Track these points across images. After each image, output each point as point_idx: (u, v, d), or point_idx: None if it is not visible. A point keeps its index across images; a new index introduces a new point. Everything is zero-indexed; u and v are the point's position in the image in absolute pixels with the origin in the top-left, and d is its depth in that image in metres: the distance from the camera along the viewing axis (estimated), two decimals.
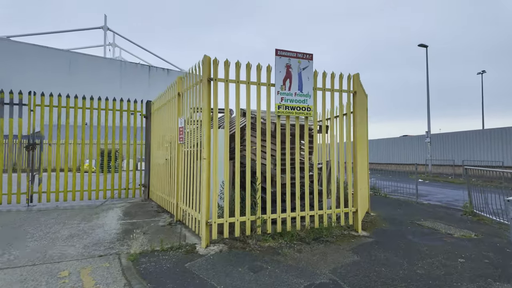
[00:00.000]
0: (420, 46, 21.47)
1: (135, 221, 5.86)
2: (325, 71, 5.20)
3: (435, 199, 10.13)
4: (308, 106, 4.97)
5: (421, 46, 21.49)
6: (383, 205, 8.24)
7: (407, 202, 8.98)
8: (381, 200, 9.24)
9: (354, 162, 5.44)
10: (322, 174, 5.17)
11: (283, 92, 4.80)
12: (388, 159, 27.21)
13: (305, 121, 5.04)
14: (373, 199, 8.92)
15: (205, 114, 4.38)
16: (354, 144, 5.45)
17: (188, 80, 5.28)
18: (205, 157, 4.35)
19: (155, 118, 7.93)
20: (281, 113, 4.77)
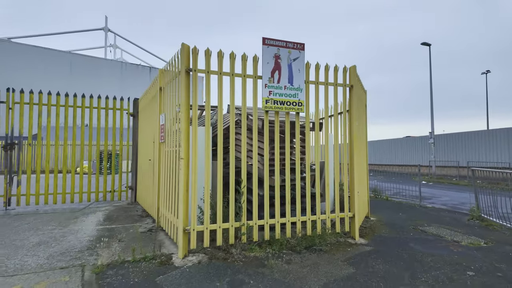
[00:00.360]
0: (423, 45, 20.96)
1: (114, 226, 5.42)
2: (318, 63, 4.75)
3: (440, 202, 9.62)
4: (299, 100, 4.51)
5: (424, 45, 20.98)
6: (384, 209, 7.75)
7: (409, 205, 8.48)
8: (382, 203, 8.75)
9: (351, 162, 4.98)
10: (315, 176, 4.71)
11: (271, 85, 4.35)
12: (390, 161, 26.66)
13: (296, 118, 4.59)
14: (373, 203, 8.43)
15: (183, 109, 3.94)
16: (351, 143, 4.98)
17: (169, 72, 4.84)
18: (183, 157, 3.90)
19: (142, 116, 7.51)
20: (269, 108, 4.32)
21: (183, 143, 3.90)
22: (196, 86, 4.01)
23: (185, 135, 3.92)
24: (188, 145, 3.95)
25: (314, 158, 4.77)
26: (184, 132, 3.91)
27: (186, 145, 3.93)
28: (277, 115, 4.46)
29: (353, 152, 4.93)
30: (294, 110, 4.49)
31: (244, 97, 4.26)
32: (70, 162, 15.11)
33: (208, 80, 4.08)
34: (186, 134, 3.93)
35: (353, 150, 4.93)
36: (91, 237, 4.75)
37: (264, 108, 4.30)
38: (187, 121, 3.95)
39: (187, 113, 3.96)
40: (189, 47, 4.03)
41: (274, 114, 4.47)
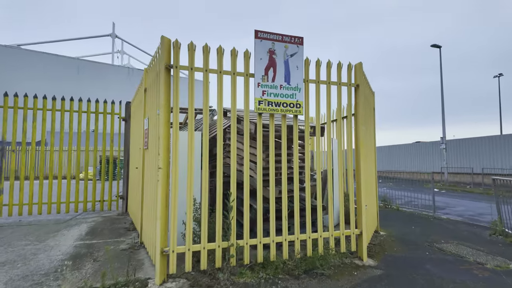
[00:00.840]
0: (434, 47, 20.26)
1: (94, 242, 4.91)
2: (319, 59, 4.20)
3: (455, 213, 8.90)
4: (298, 101, 3.97)
5: (434, 47, 20.28)
6: (395, 221, 7.10)
7: (422, 216, 7.80)
8: (393, 214, 8.09)
9: (357, 172, 4.39)
10: (316, 186, 4.13)
11: (265, 84, 3.82)
12: (400, 167, 25.80)
13: (294, 121, 4.04)
14: (383, 213, 7.79)
15: (162, 111, 3.43)
16: (357, 149, 4.40)
17: (152, 71, 4.35)
18: (162, 166, 3.38)
19: (133, 120, 7.04)
20: (262, 111, 3.79)
21: (161, 150, 3.38)
22: (178, 85, 3.50)
23: (164, 141, 3.40)
24: (167, 152, 3.43)
25: (316, 166, 4.21)
26: (163, 137, 3.40)
27: (165, 153, 3.41)
28: (272, 118, 3.92)
29: (359, 160, 4.35)
30: (291, 112, 3.94)
31: (233, 97, 3.74)
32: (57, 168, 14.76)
33: (192, 78, 3.57)
34: (165, 140, 3.41)
35: (360, 158, 4.35)
36: (65, 255, 4.24)
37: (256, 110, 3.77)
38: (167, 124, 3.43)
39: (167, 115, 3.44)
40: (170, 41, 3.53)
41: (269, 117, 3.93)
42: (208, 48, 3.65)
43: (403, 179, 18.68)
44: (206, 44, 3.65)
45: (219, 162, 3.62)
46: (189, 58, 3.58)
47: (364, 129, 4.58)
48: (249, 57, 3.84)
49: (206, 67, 3.63)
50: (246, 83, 3.80)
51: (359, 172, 4.35)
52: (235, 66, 3.76)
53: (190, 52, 3.58)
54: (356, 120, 4.45)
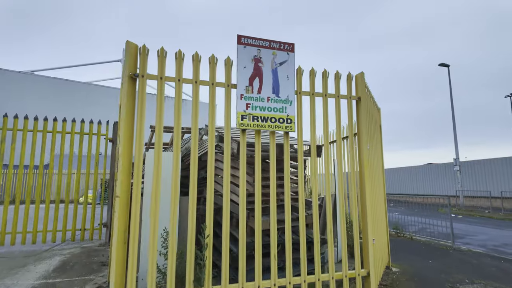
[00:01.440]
0: (441, 66, 19.77)
1: (59, 280, 4.25)
2: (313, 68, 3.66)
3: (476, 243, 7.99)
4: (288, 116, 3.39)
5: (442, 66, 19.79)
6: (409, 253, 6.27)
7: (440, 247, 6.94)
8: (406, 244, 7.25)
9: (362, 198, 3.72)
10: (312, 215, 3.46)
11: (249, 96, 3.27)
12: (411, 190, 24.67)
13: (284, 139, 3.44)
14: (395, 244, 6.96)
15: (123, 127, 2.88)
16: (361, 172, 3.75)
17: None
18: (119, 194, 2.78)
19: None
20: (245, 127, 3.21)
21: (120, 174, 2.80)
22: (144, 96, 2.97)
23: (124, 162, 2.83)
24: (127, 177, 2.84)
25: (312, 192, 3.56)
26: (122, 158, 2.82)
27: (126, 177, 2.82)
28: (258, 136, 3.33)
29: (364, 184, 3.69)
30: (281, 128, 3.35)
31: (212, 111, 3.18)
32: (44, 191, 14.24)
33: (161, 89, 3.04)
34: (125, 161, 2.84)
35: (365, 182, 3.69)
36: None
37: (239, 126, 3.19)
38: (128, 143, 2.87)
39: (127, 132, 2.89)
40: (137, 46, 3.04)
41: (255, 134, 3.35)
42: (182, 54, 3.14)
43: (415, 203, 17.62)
44: (180, 50, 3.15)
45: (192, 194, 3.00)
46: (159, 66, 3.07)
47: (368, 148, 3.94)
48: (231, 65, 3.32)
49: (179, 76, 3.11)
50: (227, 95, 3.25)
51: (364, 198, 3.68)
52: (214, 75, 3.23)
53: (160, 59, 3.07)
54: (359, 137, 3.83)
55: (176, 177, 2.96)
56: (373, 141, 4.52)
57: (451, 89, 19.55)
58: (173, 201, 2.93)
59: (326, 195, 3.72)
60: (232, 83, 3.28)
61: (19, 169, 6.23)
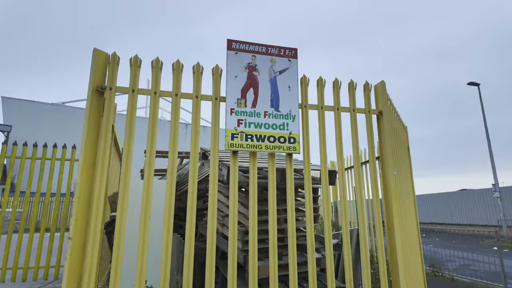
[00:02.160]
0: (470, 85, 18.61)
1: None
2: (321, 77, 3.04)
3: None
4: (291, 135, 2.75)
5: (471, 85, 18.62)
6: None
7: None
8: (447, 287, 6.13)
9: (390, 237, 2.93)
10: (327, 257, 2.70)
11: (241, 110, 2.68)
12: (444, 219, 22.68)
13: (287, 162, 2.78)
14: (432, 286, 5.89)
15: (83, 149, 2.35)
16: (387, 202, 2.99)
17: None
18: (71, 236, 2.20)
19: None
20: (237, 147, 2.59)
21: (75, 209, 2.23)
22: (111, 112, 2.46)
23: (81, 195, 2.27)
24: (84, 213, 2.26)
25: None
26: (80, 189, 2.27)
27: (82, 211, 2.25)
28: (254, 158, 2.70)
29: (392, 219, 2.91)
30: (282, 149, 2.71)
31: (195, 130, 2.61)
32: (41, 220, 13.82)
33: (133, 103, 2.52)
34: (83, 194, 2.27)
35: (393, 216, 2.92)
36: None
37: (228, 147, 2.58)
38: (87, 170, 2.32)
39: (88, 157, 2.34)
40: (107, 55, 2.57)
41: (249, 157, 2.71)
42: (159, 63, 2.64)
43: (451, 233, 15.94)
44: (158, 59, 2.65)
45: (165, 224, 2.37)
46: (131, 77, 2.57)
47: (396, 173, 3.19)
48: (220, 74, 2.77)
49: (156, 88, 2.59)
50: (215, 110, 2.68)
51: (392, 236, 2.89)
52: (199, 87, 2.69)
53: (132, 69, 2.58)
54: (382, 160, 3.10)
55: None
56: (400, 164, 3.76)
57: (483, 109, 18.23)
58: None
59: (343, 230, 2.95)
60: (221, 95, 2.72)
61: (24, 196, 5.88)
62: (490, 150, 17.72)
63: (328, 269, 2.67)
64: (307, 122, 2.88)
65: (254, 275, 2.47)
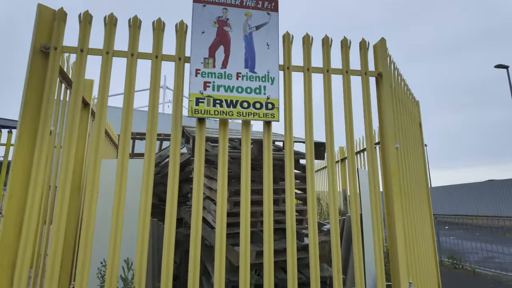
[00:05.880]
0: (498, 67, 17.32)
1: None
2: (308, 34, 2.59)
3: None
4: (269, 99, 2.33)
5: (499, 67, 17.34)
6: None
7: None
8: (467, 280, 5.58)
9: (390, 224, 2.48)
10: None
11: (209, 71, 2.28)
12: (470, 210, 21.52)
13: (264, 132, 2.37)
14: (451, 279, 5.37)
15: (22, 116, 2.03)
16: (386, 184, 2.53)
17: None
18: (4, 213, 1.90)
19: None
20: (203, 114, 2.21)
21: (9, 183, 1.93)
22: (55, 75, 2.13)
23: (16, 169, 1.96)
24: (20, 189, 1.96)
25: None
26: (16, 164, 1.96)
27: (16, 188, 1.94)
28: (225, 128, 2.31)
29: (392, 202, 2.45)
30: (257, 117, 2.30)
31: (154, 93, 2.24)
32: None
33: (81, 63, 2.18)
34: (20, 170, 1.97)
35: (393, 199, 2.46)
36: None
37: (192, 114, 2.20)
38: (27, 142, 2.01)
39: (25, 130, 2.02)
40: (53, 12, 2.23)
41: (219, 127, 2.32)
42: (113, 19, 2.28)
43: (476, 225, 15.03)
44: (112, 14, 2.29)
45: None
46: (80, 35, 2.22)
47: (398, 147, 2.72)
48: (186, 31, 2.39)
49: (109, 47, 2.23)
50: (178, 72, 2.30)
51: (392, 224, 2.43)
52: (159, 45, 2.31)
53: (82, 26, 2.23)
54: (381, 131, 2.63)
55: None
56: (408, 140, 3.27)
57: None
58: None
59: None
60: (187, 56, 2.34)
61: None
62: None
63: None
64: (290, 86, 2.46)
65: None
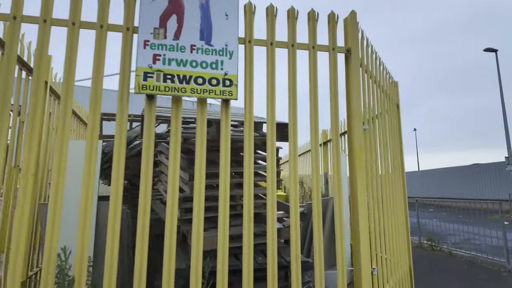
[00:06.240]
0: (487, 51, 17.23)
1: None
2: (272, 4, 2.40)
3: None
4: (228, 75, 2.16)
5: (488, 51, 17.25)
6: (444, 278, 4.72)
7: (489, 267, 5.29)
8: (442, 262, 5.65)
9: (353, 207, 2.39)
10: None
11: (159, 43, 2.09)
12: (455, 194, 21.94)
13: (222, 110, 2.21)
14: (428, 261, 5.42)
15: None
16: (351, 166, 2.42)
17: None
18: None
19: None
20: (150, 91, 2.03)
21: None
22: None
23: None
24: None
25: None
26: None
27: None
28: (177, 106, 2.14)
29: (356, 184, 2.35)
30: (213, 95, 2.13)
31: (96, 70, 2.05)
32: None
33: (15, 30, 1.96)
34: None
35: (357, 181, 2.35)
36: None
37: (139, 90, 2.02)
38: None
39: None
40: None
41: (171, 104, 2.15)
42: None
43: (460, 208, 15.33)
44: None
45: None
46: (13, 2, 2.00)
47: (366, 129, 2.60)
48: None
49: (46, 15, 2.01)
50: (125, 43, 2.11)
51: (355, 204, 2.34)
52: (105, 14, 2.10)
53: None
54: (348, 110, 2.50)
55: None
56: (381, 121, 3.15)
57: (500, 77, 16.94)
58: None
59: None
60: (136, 26, 2.13)
61: None
62: (505, 121, 16.61)
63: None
64: (251, 62, 2.28)
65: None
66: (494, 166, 19.21)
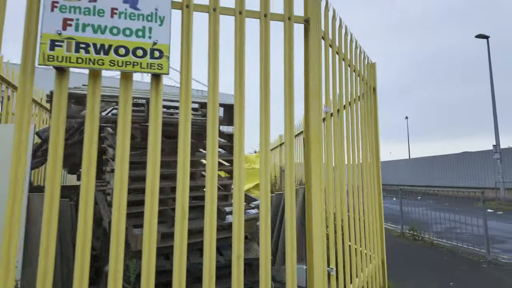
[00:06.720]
0: (479, 37, 16.96)
1: None
2: None
3: None
4: (156, 45, 1.82)
5: (480, 38, 16.97)
6: (422, 268, 4.54)
7: (469, 258, 5.13)
8: (423, 252, 5.48)
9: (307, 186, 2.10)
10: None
11: (71, 5, 1.73)
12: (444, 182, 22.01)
13: (152, 87, 1.88)
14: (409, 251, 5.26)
15: None
16: (307, 152, 2.12)
17: None
18: None
19: None
20: (59, 63, 1.68)
21: None
22: None
23: None
24: None
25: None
26: None
27: None
28: (95, 82, 1.80)
29: (310, 173, 2.06)
30: (139, 68, 1.80)
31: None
32: None
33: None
34: None
35: (311, 169, 2.05)
36: None
37: (43, 61, 1.67)
38: None
39: None
40: None
41: (88, 80, 1.81)
42: None
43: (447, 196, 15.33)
44: None
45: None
46: None
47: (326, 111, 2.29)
48: None
49: None
50: (31, 4, 1.74)
51: (309, 195, 2.05)
52: None
53: None
54: (306, 90, 2.18)
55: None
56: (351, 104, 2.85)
57: (491, 63, 16.73)
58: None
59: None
60: None
61: None
62: (494, 108, 16.49)
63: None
64: (189, 30, 1.94)
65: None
66: (482, 154, 19.25)
